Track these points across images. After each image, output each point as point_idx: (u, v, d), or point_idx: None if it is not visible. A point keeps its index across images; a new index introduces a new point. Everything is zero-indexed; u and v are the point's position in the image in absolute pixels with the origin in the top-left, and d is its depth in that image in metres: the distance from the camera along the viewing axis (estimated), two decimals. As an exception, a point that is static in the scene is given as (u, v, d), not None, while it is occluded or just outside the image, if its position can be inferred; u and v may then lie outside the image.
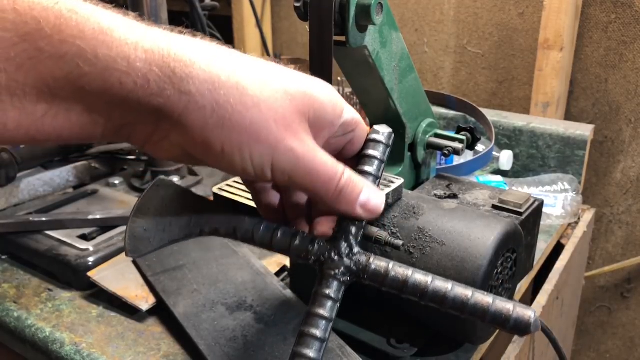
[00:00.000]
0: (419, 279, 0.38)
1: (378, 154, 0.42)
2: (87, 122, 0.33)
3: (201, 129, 0.34)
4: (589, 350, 1.36)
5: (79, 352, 0.62)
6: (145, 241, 0.38)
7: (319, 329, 0.38)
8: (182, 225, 0.40)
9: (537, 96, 1.16)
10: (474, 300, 0.37)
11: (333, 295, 0.39)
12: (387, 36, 0.62)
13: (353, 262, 0.40)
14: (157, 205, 0.39)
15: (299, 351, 0.37)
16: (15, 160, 0.87)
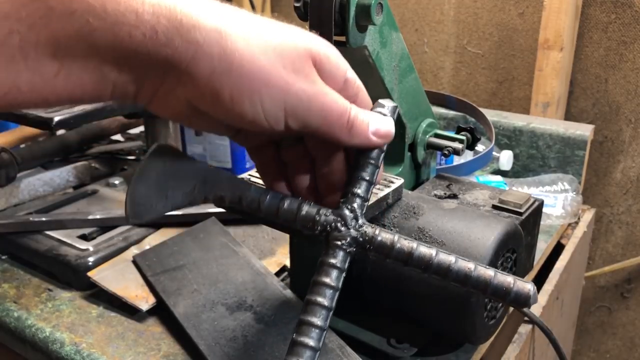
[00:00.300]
0: (423, 252, 0.38)
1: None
2: (98, 80, 0.34)
3: (209, 76, 0.34)
4: (589, 350, 1.36)
5: (79, 352, 0.62)
6: (147, 206, 0.37)
7: (325, 298, 0.37)
8: (185, 192, 0.39)
9: (537, 96, 1.16)
10: (476, 273, 0.37)
11: (339, 264, 0.39)
12: (387, 36, 0.62)
13: (359, 232, 0.40)
14: (159, 170, 0.38)
15: (306, 319, 0.37)
16: (15, 160, 0.87)
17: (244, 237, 0.80)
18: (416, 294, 0.56)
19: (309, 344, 0.36)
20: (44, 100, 0.33)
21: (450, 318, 0.56)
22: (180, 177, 0.39)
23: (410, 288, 0.56)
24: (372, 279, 0.59)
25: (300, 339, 0.36)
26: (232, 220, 0.82)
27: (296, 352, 0.36)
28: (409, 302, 0.58)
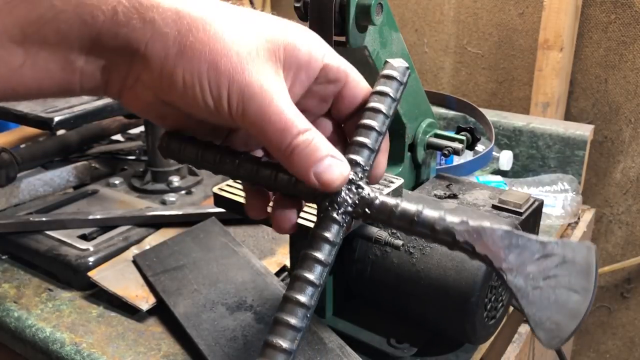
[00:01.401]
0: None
1: (383, 106, 0.38)
2: (64, 69, 0.34)
3: (164, 58, 0.33)
4: (588, 350, 1.36)
5: (79, 352, 0.62)
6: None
7: (314, 275, 0.35)
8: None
9: (537, 96, 1.17)
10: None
11: (332, 238, 0.36)
12: (387, 36, 0.62)
13: (358, 196, 0.36)
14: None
15: (291, 295, 0.35)
16: (15, 160, 0.87)
17: (244, 237, 0.80)
18: (416, 294, 0.56)
19: (291, 322, 0.34)
20: (12, 91, 0.33)
21: (450, 318, 0.56)
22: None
23: (410, 288, 0.56)
24: (372, 279, 0.59)
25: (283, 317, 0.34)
26: (232, 220, 0.82)
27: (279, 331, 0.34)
28: (409, 302, 0.58)
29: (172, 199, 0.90)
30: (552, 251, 0.33)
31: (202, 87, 0.34)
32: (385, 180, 0.60)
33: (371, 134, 0.37)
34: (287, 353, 0.34)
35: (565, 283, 0.33)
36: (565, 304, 0.33)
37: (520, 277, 0.32)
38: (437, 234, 0.34)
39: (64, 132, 1.00)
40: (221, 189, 0.59)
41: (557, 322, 0.33)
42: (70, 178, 0.97)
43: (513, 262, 0.32)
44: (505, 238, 0.32)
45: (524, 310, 0.32)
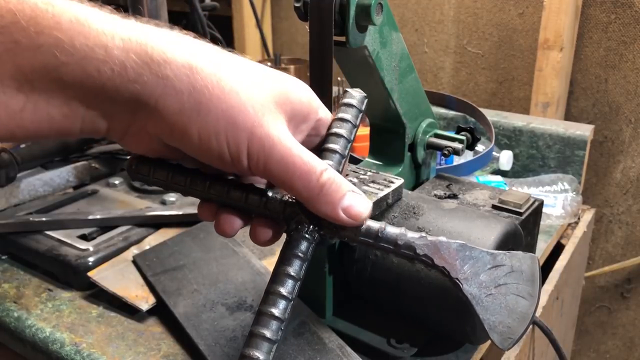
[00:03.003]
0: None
1: (345, 132, 0.41)
2: (66, 115, 0.34)
3: (178, 113, 0.34)
4: (588, 350, 1.36)
5: (79, 352, 0.62)
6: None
7: (286, 289, 0.37)
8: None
9: (537, 96, 1.17)
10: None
11: (301, 254, 0.38)
12: (387, 36, 0.62)
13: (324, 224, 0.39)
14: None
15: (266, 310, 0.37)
16: (15, 160, 0.87)
17: (244, 237, 0.80)
18: (416, 294, 0.56)
19: (266, 335, 0.36)
20: (10, 134, 0.33)
21: (450, 318, 0.56)
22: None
23: (410, 288, 0.56)
24: (372, 279, 0.59)
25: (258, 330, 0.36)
26: (232, 220, 0.82)
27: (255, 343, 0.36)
28: (409, 302, 0.58)
29: (172, 199, 0.90)
30: (502, 262, 0.37)
31: (220, 143, 0.35)
32: (385, 180, 0.60)
33: (335, 157, 0.40)
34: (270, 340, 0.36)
35: (514, 290, 0.37)
36: (514, 309, 0.37)
37: (475, 286, 0.36)
38: (400, 248, 0.37)
39: (64, 132, 1.00)
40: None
41: (508, 325, 0.36)
42: (70, 178, 0.97)
43: (468, 272, 0.36)
44: (460, 251, 0.36)
45: (479, 315, 0.36)
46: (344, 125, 0.40)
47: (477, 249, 0.36)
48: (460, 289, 0.36)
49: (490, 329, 0.36)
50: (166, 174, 0.39)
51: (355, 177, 0.61)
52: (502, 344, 0.37)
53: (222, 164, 0.36)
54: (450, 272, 0.36)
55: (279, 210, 0.39)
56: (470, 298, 0.36)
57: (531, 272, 0.37)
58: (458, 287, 0.36)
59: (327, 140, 0.40)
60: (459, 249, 0.36)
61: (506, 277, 0.37)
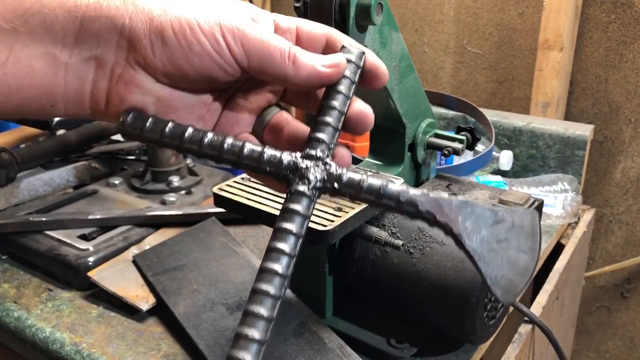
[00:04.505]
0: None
1: (344, 88, 0.39)
2: (49, 67, 0.34)
3: (149, 22, 0.35)
4: (588, 350, 1.36)
5: (79, 352, 0.62)
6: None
7: (288, 245, 0.36)
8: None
9: (537, 96, 1.17)
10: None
11: (302, 211, 0.37)
12: (387, 36, 0.62)
13: (326, 172, 0.38)
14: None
15: (268, 266, 0.36)
16: (15, 160, 0.87)
17: (244, 237, 0.80)
18: (416, 293, 0.56)
19: (270, 291, 0.36)
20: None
21: (450, 318, 0.56)
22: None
23: (410, 288, 0.56)
24: (372, 279, 0.59)
25: (261, 287, 0.36)
26: (232, 220, 0.82)
27: (258, 300, 0.35)
28: (409, 302, 0.58)
29: (172, 199, 0.90)
30: (503, 218, 0.37)
31: (193, 30, 0.35)
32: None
33: (333, 113, 0.39)
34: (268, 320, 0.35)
35: (515, 245, 0.37)
36: (516, 264, 0.37)
37: (476, 242, 0.36)
38: (402, 205, 0.36)
39: (64, 132, 1.00)
40: (221, 189, 0.59)
41: (510, 279, 0.37)
42: (70, 178, 0.97)
43: (469, 228, 0.36)
44: (462, 207, 0.36)
45: (481, 270, 0.36)
46: (342, 81, 0.39)
47: (479, 205, 0.37)
48: (462, 244, 0.36)
49: (492, 284, 0.36)
50: (161, 127, 0.38)
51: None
52: (504, 298, 0.37)
53: (209, 61, 0.36)
54: (452, 228, 0.35)
55: (277, 164, 0.38)
56: (472, 253, 0.36)
57: (532, 227, 0.38)
58: (460, 243, 0.36)
59: (325, 97, 0.40)
60: (460, 206, 0.36)
61: (507, 233, 0.37)
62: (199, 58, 0.36)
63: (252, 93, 0.42)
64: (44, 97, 0.35)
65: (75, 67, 0.35)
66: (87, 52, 0.35)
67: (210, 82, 0.38)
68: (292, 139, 0.42)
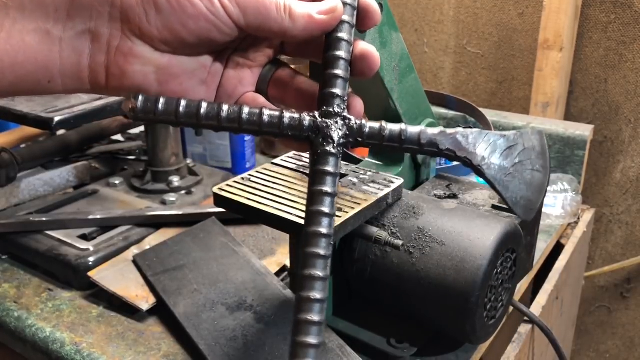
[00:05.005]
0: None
1: (345, 34, 0.39)
2: (42, 42, 0.34)
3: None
4: (588, 350, 1.36)
5: (79, 352, 0.62)
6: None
7: (326, 206, 0.37)
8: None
9: (536, 96, 1.17)
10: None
11: (332, 170, 0.37)
12: (387, 36, 0.62)
13: (346, 128, 0.38)
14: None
15: (313, 230, 0.36)
16: (15, 160, 0.87)
17: (244, 237, 0.80)
18: (416, 293, 0.56)
19: (320, 252, 0.36)
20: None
21: (450, 318, 0.56)
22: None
23: (410, 288, 0.56)
24: (372, 279, 0.59)
25: (312, 250, 0.36)
26: (232, 220, 0.82)
27: (312, 263, 0.35)
28: (409, 302, 0.58)
29: (172, 199, 0.90)
30: (515, 141, 0.40)
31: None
32: (385, 180, 0.60)
33: (340, 64, 0.38)
34: (324, 279, 0.36)
35: (529, 166, 0.40)
36: (531, 183, 0.40)
37: (495, 169, 0.39)
38: (423, 146, 0.39)
39: (64, 132, 1.00)
40: (221, 189, 0.59)
41: (528, 198, 0.40)
42: (70, 178, 0.97)
43: (487, 158, 0.39)
44: (477, 138, 0.39)
45: (502, 195, 0.39)
46: (342, 28, 0.39)
47: (491, 133, 0.39)
48: (483, 174, 0.38)
49: (513, 205, 0.39)
50: (175, 104, 0.37)
51: (355, 177, 0.61)
52: (525, 216, 0.40)
53: (206, 26, 0.36)
54: (472, 161, 0.38)
55: (299, 127, 0.38)
56: (493, 181, 0.39)
57: (541, 146, 0.41)
58: (481, 173, 0.39)
59: (328, 47, 0.39)
60: (476, 136, 0.39)
61: (521, 155, 0.40)
62: (194, 21, 0.35)
63: (251, 50, 0.41)
64: (40, 72, 0.35)
65: (70, 42, 0.35)
66: (80, 26, 0.34)
67: (208, 44, 0.37)
68: (299, 93, 0.42)
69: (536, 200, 0.41)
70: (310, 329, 0.35)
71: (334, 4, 0.38)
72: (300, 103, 0.42)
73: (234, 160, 1.05)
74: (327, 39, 0.39)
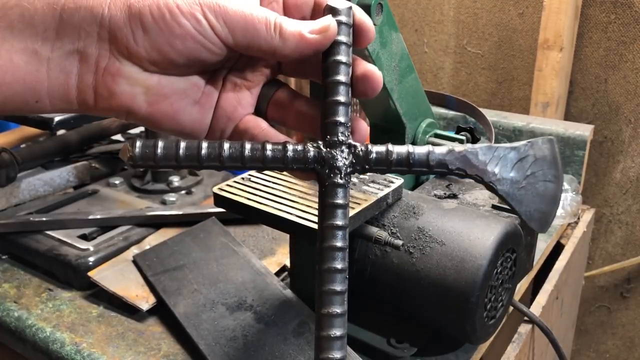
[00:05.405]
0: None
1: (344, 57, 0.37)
2: (30, 62, 0.33)
3: (127, 10, 0.34)
4: (588, 350, 1.36)
5: (79, 352, 0.62)
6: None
7: (338, 240, 0.37)
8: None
9: (536, 96, 1.17)
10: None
11: (342, 202, 0.37)
12: (387, 36, 0.62)
13: (352, 157, 0.37)
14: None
15: (328, 266, 0.37)
16: (15, 160, 0.87)
17: (244, 237, 0.80)
18: (416, 293, 0.56)
19: (336, 289, 0.37)
20: None
21: (450, 318, 0.56)
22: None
23: (410, 288, 0.56)
24: (372, 279, 0.59)
25: (328, 287, 0.36)
26: (232, 220, 0.82)
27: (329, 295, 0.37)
28: (409, 302, 0.58)
29: (172, 199, 0.90)
30: (526, 153, 0.39)
31: (173, 13, 0.34)
32: (385, 180, 0.60)
33: (340, 89, 0.37)
34: (342, 315, 0.38)
35: (541, 177, 0.39)
36: (545, 194, 0.40)
37: (507, 184, 0.38)
38: (432, 168, 0.38)
39: (64, 132, 1.00)
40: (221, 189, 0.59)
41: (542, 211, 0.39)
42: (70, 178, 0.97)
43: (499, 173, 0.38)
44: (487, 154, 0.38)
45: (516, 209, 0.38)
46: (340, 50, 0.37)
47: (501, 146, 0.38)
48: (495, 191, 0.38)
49: (528, 219, 0.39)
50: (175, 146, 0.35)
51: (355, 177, 0.61)
52: (541, 229, 0.40)
53: (194, 47, 0.35)
54: (483, 178, 0.38)
55: (303, 160, 0.37)
56: (506, 196, 0.38)
57: (552, 155, 0.40)
58: (493, 190, 0.38)
59: (327, 72, 0.38)
60: (486, 152, 0.38)
61: (532, 167, 0.39)
62: (181, 41, 0.35)
63: (247, 70, 0.40)
64: (28, 93, 0.34)
65: (58, 62, 0.34)
66: (69, 46, 0.34)
67: (198, 64, 0.37)
68: (299, 114, 0.41)
69: (550, 211, 0.40)
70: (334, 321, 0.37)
71: (326, 23, 0.36)
72: (300, 125, 0.41)
73: (234, 160, 1.04)
74: (324, 62, 0.38)
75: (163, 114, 0.38)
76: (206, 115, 0.40)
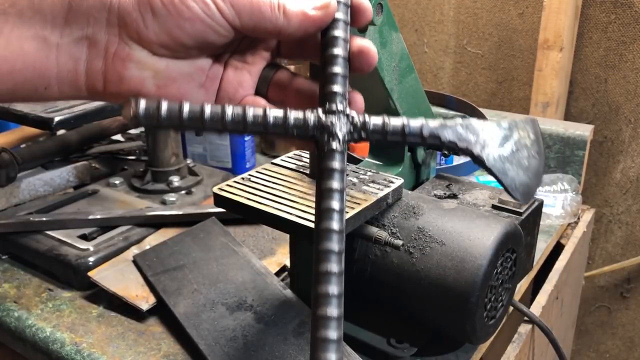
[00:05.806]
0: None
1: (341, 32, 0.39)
2: (40, 49, 0.34)
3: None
4: (588, 350, 1.36)
5: (79, 352, 0.62)
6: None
7: (336, 202, 0.37)
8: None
9: (536, 96, 1.17)
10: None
11: (340, 167, 0.38)
12: (387, 36, 0.62)
13: (350, 123, 0.39)
14: None
15: (325, 226, 0.37)
16: (15, 160, 0.87)
17: (244, 237, 0.80)
18: (416, 294, 0.56)
19: (333, 248, 0.36)
20: None
21: (450, 318, 0.56)
22: None
23: (410, 288, 0.56)
24: (372, 279, 0.59)
25: (325, 246, 0.36)
26: (232, 220, 0.82)
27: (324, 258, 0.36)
28: (409, 302, 0.58)
29: (172, 199, 0.90)
30: (510, 131, 0.42)
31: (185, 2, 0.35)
32: (385, 180, 0.60)
33: (338, 61, 0.39)
34: (339, 274, 0.36)
35: (525, 153, 0.42)
36: (529, 168, 0.42)
37: (495, 158, 0.40)
38: (426, 139, 0.39)
39: (64, 132, 1.00)
40: (221, 189, 0.59)
41: (526, 184, 0.42)
42: (70, 178, 0.97)
43: (487, 147, 0.40)
44: (477, 128, 0.40)
45: (502, 181, 0.41)
46: (338, 25, 0.39)
47: (489, 123, 0.41)
48: (483, 164, 0.40)
49: (512, 191, 0.41)
50: (178, 107, 0.36)
51: (355, 177, 0.61)
52: (524, 200, 0.42)
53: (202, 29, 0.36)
54: (473, 152, 0.40)
55: (304, 127, 0.38)
56: (493, 169, 0.40)
57: (535, 133, 0.43)
58: (481, 162, 0.40)
59: (325, 46, 0.39)
60: (476, 128, 0.40)
61: (517, 143, 0.42)
62: (190, 24, 0.36)
63: (248, 53, 0.42)
64: (37, 79, 0.35)
65: (67, 48, 0.35)
66: (78, 32, 0.35)
67: (205, 46, 0.38)
68: (299, 93, 0.42)
69: (533, 185, 0.42)
70: (330, 323, 0.35)
71: (327, 1, 0.38)
72: (300, 103, 0.42)
73: (234, 160, 1.05)
74: (323, 38, 0.39)
75: (170, 97, 0.38)
76: (210, 98, 0.41)
